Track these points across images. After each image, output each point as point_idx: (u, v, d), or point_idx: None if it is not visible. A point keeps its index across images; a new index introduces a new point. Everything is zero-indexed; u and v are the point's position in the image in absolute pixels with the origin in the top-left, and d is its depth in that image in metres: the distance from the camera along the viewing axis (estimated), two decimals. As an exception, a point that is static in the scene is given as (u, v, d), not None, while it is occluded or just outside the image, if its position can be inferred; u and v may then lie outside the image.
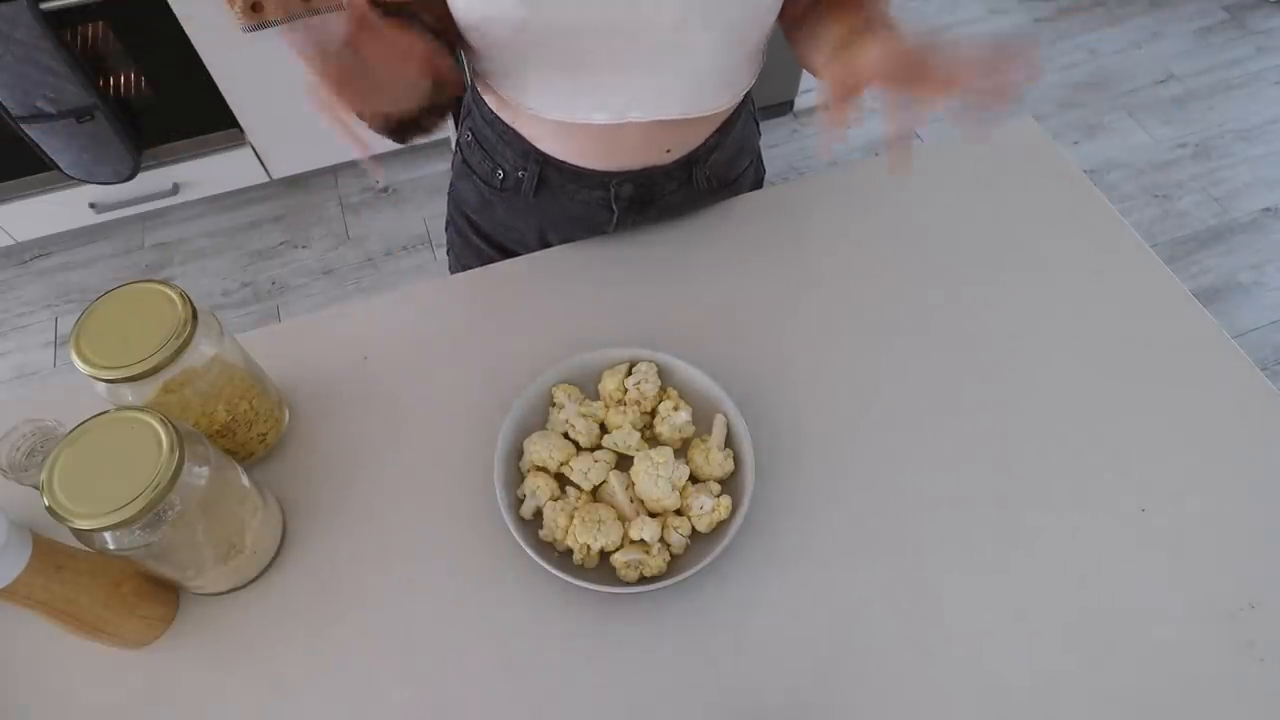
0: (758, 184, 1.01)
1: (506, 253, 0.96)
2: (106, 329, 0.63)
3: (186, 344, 0.62)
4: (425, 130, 0.72)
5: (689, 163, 0.85)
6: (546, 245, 0.92)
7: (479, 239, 0.97)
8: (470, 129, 0.88)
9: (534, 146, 0.82)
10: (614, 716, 0.64)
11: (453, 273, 1.07)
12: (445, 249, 1.07)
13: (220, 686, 0.66)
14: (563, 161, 0.83)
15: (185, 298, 0.64)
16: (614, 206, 0.87)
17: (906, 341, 0.82)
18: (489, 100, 0.83)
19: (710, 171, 0.88)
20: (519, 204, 0.88)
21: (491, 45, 0.72)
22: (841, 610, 0.68)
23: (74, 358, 0.62)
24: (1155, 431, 0.76)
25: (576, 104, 0.75)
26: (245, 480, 0.66)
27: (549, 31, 0.67)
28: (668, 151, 0.83)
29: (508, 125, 0.83)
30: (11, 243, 1.97)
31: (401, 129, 0.71)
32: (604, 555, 0.69)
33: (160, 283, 0.65)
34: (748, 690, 0.65)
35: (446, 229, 1.03)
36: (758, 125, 0.96)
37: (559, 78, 0.73)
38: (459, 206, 0.97)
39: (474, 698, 0.65)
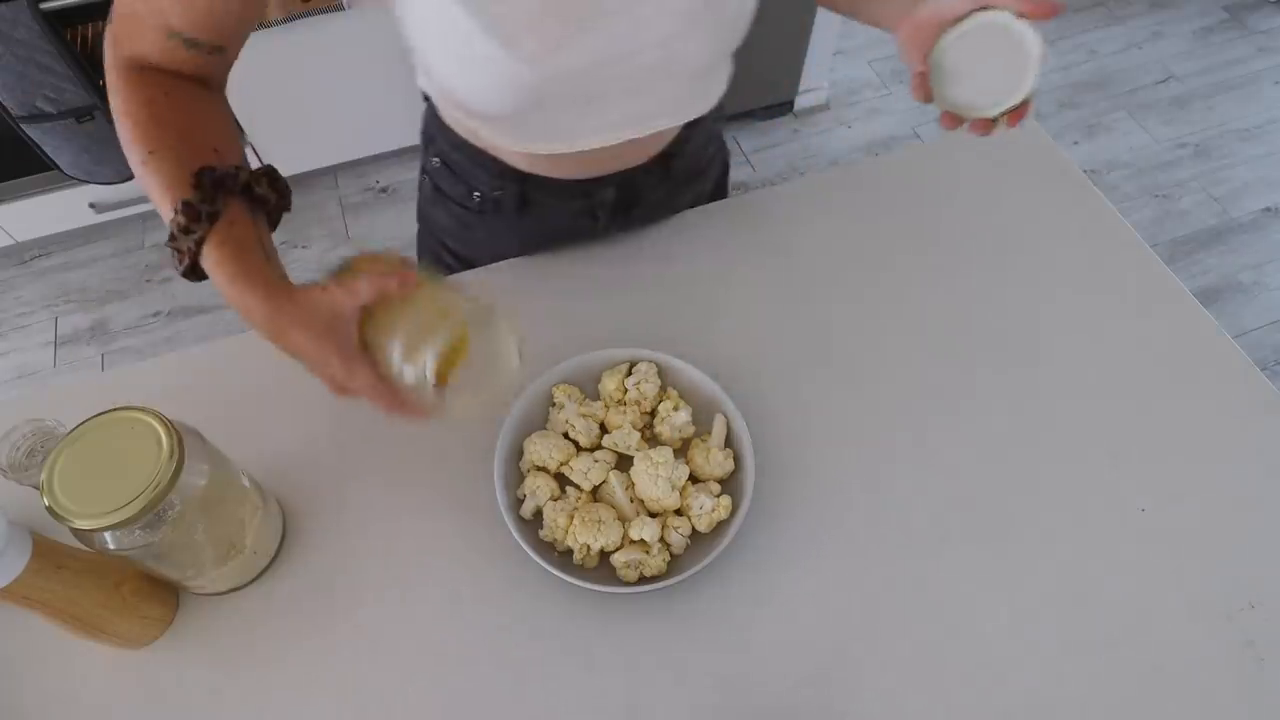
0: (724, 168, 1.01)
1: None
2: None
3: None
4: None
5: (665, 157, 0.85)
6: None
7: (460, 266, 0.93)
8: (437, 155, 0.85)
9: (509, 166, 0.80)
10: (614, 716, 0.64)
11: None
12: None
13: (220, 686, 0.66)
14: (543, 177, 0.81)
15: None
16: (598, 214, 0.86)
17: (906, 341, 0.82)
18: (455, 128, 0.81)
19: (685, 163, 0.88)
20: (500, 223, 0.86)
21: (492, 110, 0.69)
22: (842, 610, 0.68)
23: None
24: (1155, 431, 0.76)
25: (575, 135, 0.73)
26: (245, 480, 0.66)
27: (556, 81, 0.65)
28: (649, 156, 0.83)
29: (479, 149, 0.80)
30: (11, 243, 1.97)
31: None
32: (604, 555, 0.69)
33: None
34: (748, 690, 0.65)
35: (419, 258, 0.99)
36: (722, 109, 0.91)
37: (560, 117, 0.71)
38: (436, 236, 0.94)
39: (474, 697, 0.65)
